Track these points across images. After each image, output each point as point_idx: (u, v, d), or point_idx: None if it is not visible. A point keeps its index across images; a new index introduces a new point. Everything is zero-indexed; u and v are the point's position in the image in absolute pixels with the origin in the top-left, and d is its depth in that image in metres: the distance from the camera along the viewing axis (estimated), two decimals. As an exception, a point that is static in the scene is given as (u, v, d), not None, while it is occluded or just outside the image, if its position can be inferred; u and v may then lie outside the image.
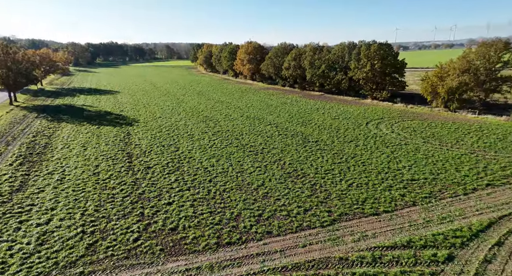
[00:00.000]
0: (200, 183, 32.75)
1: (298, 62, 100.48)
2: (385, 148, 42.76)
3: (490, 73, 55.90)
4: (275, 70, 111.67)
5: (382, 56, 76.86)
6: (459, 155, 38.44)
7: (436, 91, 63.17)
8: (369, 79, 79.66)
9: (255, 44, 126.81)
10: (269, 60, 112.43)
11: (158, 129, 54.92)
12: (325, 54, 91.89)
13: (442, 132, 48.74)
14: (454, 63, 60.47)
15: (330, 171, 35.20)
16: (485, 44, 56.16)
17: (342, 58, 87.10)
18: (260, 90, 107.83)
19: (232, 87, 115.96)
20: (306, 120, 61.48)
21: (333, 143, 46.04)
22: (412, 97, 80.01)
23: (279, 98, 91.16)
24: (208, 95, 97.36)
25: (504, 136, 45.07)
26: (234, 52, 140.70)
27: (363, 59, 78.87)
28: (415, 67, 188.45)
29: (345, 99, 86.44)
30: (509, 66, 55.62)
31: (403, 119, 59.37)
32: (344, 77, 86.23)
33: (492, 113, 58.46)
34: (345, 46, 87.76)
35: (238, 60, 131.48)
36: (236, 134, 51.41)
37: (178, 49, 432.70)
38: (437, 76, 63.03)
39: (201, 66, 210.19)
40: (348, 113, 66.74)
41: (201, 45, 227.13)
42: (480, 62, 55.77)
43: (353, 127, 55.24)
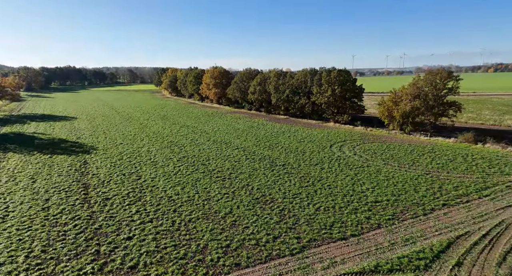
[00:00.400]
0: (163, 213, 30.98)
1: (263, 86, 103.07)
2: (349, 170, 44.05)
3: (438, 98, 61.29)
4: (241, 94, 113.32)
5: (342, 82, 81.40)
6: (416, 176, 40.59)
7: (392, 115, 67.53)
8: (330, 103, 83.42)
9: (221, 69, 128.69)
10: (235, 85, 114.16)
11: (118, 157, 52.08)
12: (289, 79, 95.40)
13: (400, 154, 51.55)
14: (406, 89, 65.60)
15: (297, 195, 35.22)
16: (431, 72, 62.01)
17: (305, 84, 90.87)
18: (226, 114, 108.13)
19: (198, 111, 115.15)
20: (273, 144, 62.08)
21: (299, 166, 46.58)
22: (370, 120, 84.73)
23: (246, 121, 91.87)
24: (173, 119, 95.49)
25: (454, 157, 48.66)
26: (199, 76, 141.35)
27: (324, 84, 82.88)
28: (372, 92, 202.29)
29: (309, 123, 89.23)
30: (452, 92, 61.54)
31: (364, 142, 62.16)
32: (307, 102, 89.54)
33: (442, 135, 63.39)
34: (307, 72, 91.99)
35: (204, 84, 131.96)
36: (203, 160, 50.27)
37: (141, 73, 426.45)
38: (392, 101, 67.67)
39: (165, 90, 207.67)
40: (312, 136, 68.62)
41: (166, 70, 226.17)
42: (428, 88, 61.17)
43: (318, 150, 56.63)
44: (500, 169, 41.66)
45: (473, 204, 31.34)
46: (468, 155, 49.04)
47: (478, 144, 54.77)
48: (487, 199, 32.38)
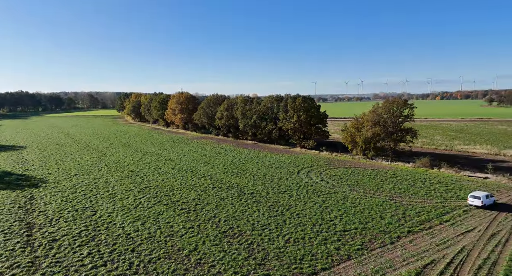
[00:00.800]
0: (120, 254, 28.03)
1: (231, 112, 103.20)
2: (317, 197, 43.94)
3: (396, 125, 65.05)
4: (208, 120, 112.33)
5: (307, 109, 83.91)
6: (381, 202, 41.41)
7: (355, 140, 70.10)
8: (296, 129, 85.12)
9: (187, 95, 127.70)
10: (202, 110, 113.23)
11: (71, 190, 47.71)
12: (256, 105, 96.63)
13: (364, 179, 52.82)
14: (367, 116, 68.98)
15: (266, 226, 34.01)
16: (389, 101, 66.20)
17: (272, 110, 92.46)
18: (193, 140, 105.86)
19: (163, 137, 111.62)
20: (241, 170, 60.98)
21: (268, 194, 45.71)
22: (335, 145, 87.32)
23: (213, 147, 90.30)
24: (135, 146, 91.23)
25: (414, 181, 50.82)
26: (165, 102, 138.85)
27: (290, 111, 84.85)
28: (335, 117, 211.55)
29: (276, 148, 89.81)
30: (408, 119, 65.79)
31: (330, 167, 63.25)
32: (274, 127, 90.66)
33: (401, 160, 66.63)
34: (273, 98, 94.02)
35: (170, 109, 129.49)
36: (167, 190, 47.63)
37: (103, 98, 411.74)
38: (355, 127, 70.53)
39: (128, 115, 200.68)
40: (280, 162, 68.68)
41: (129, 95, 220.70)
42: (387, 115, 64.87)
43: (286, 176, 56.41)
44: (456, 193, 43.93)
45: (435, 230, 32.17)
46: (426, 180, 51.47)
47: (434, 168, 57.99)
48: (447, 225, 33.49)
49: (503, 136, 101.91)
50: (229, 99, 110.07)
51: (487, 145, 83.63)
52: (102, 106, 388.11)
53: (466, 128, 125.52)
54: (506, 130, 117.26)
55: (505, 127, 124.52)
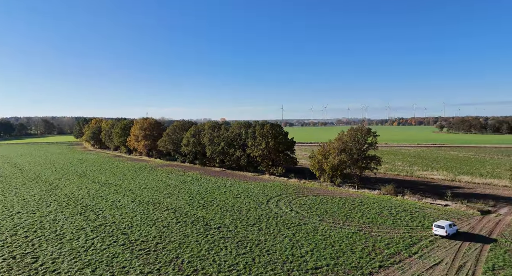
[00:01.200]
0: (62, 312, 23.92)
1: (198, 138, 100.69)
2: (287, 230, 42.37)
3: (361, 152, 66.78)
4: (174, 147, 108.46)
5: (275, 135, 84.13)
6: (351, 233, 40.79)
7: (323, 167, 70.62)
8: (265, 156, 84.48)
9: (152, 120, 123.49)
10: (167, 137, 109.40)
11: (11, 232, 41.76)
12: (224, 132, 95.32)
13: (333, 208, 52.41)
14: (333, 143, 70.32)
15: (234, 266, 31.50)
16: (353, 129, 68.35)
17: (240, 136, 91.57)
18: (157, 168, 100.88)
19: (124, 166, 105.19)
20: (207, 201, 58.07)
21: (236, 228, 43.31)
22: (303, 171, 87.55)
23: (179, 176, 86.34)
24: (92, 176, 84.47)
25: (380, 210, 51.32)
26: (127, 128, 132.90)
27: (259, 137, 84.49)
28: (302, 142, 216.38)
29: (245, 175, 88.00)
30: (372, 147, 68.06)
31: (299, 195, 62.47)
32: (242, 154, 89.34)
33: (367, 187, 67.93)
34: (241, 124, 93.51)
35: (132, 136, 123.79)
36: (124, 227, 43.40)
37: (59, 124, 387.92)
38: (322, 155, 71.33)
39: (87, 142, 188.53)
40: (249, 191, 66.77)
41: (89, 120, 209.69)
42: (352, 143, 66.60)
43: (255, 206, 54.49)
44: (421, 222, 44.72)
45: (405, 264, 31.76)
46: (392, 208, 52.25)
47: (399, 195, 59.48)
48: (416, 257, 33.32)
49: (455, 161, 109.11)
50: (196, 125, 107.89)
51: (443, 171, 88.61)
52: (59, 132, 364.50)
53: (422, 154, 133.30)
54: (457, 155, 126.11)
55: (456, 153, 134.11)
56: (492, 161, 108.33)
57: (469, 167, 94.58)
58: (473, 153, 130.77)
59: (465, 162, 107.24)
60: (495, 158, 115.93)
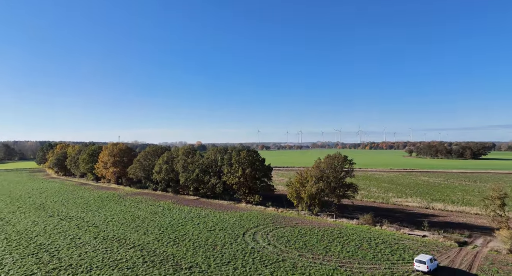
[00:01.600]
0: None
1: (171, 165, 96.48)
2: (264, 268, 39.49)
3: (338, 180, 66.15)
4: (145, 174, 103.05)
5: (251, 162, 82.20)
6: (332, 270, 38.63)
7: (300, 195, 69.01)
8: (242, 183, 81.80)
9: (121, 146, 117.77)
10: (138, 163, 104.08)
11: None
12: (198, 158, 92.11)
13: (312, 241, 50.24)
14: (311, 171, 69.41)
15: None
16: (330, 156, 68.10)
17: (215, 163, 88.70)
18: (126, 197, 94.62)
19: (89, 195, 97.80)
20: (179, 235, 53.95)
21: (209, 267, 39.79)
22: (280, 199, 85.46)
23: (149, 206, 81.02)
24: (52, 209, 77.07)
25: (360, 242, 49.84)
26: (95, 154, 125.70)
27: (235, 164, 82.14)
28: (278, 166, 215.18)
29: (220, 204, 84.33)
30: (349, 174, 67.80)
31: (277, 226, 59.91)
32: (218, 181, 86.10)
33: (345, 215, 66.83)
34: (217, 150, 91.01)
35: (101, 162, 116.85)
36: (82, 270, 38.52)
37: (21, 149, 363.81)
38: (299, 182, 69.97)
39: (51, 169, 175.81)
40: (224, 222, 63.29)
41: (54, 145, 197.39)
42: (329, 171, 66.01)
43: (230, 240, 51.16)
44: (401, 256, 43.52)
45: (392, 306, 29.90)
46: (371, 239, 50.95)
47: (377, 225, 58.61)
48: (401, 297, 31.65)
49: (427, 187, 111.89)
50: (169, 151, 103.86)
51: (417, 197, 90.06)
52: (20, 158, 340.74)
53: (395, 179, 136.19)
54: (428, 181, 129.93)
55: (427, 178, 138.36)
56: (461, 187, 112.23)
57: (441, 194, 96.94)
58: (442, 179, 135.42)
59: (436, 188, 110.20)
60: (463, 184, 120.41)
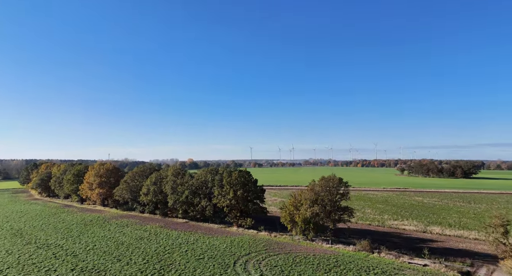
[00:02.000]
0: None
1: (159, 186, 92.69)
2: (257, 305, 36.04)
3: (333, 203, 63.67)
4: (132, 195, 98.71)
5: (243, 183, 79.29)
6: (331, 307, 35.49)
7: (294, 220, 66.02)
8: (233, 206, 78.49)
9: (109, 166, 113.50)
10: (125, 184, 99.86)
11: None
12: (188, 179, 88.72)
13: (307, 271, 47.05)
14: (305, 193, 66.86)
15: None
16: (325, 178, 65.89)
17: (206, 184, 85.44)
18: (111, 220, 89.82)
19: (72, 218, 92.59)
20: (165, 265, 50.11)
21: (196, 304, 36.11)
22: (274, 222, 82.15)
23: (135, 230, 76.60)
24: (30, 235, 71.85)
25: (358, 272, 46.84)
26: (81, 174, 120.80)
27: (226, 186, 79.06)
28: (271, 185, 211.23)
29: (210, 228, 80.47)
30: (344, 197, 65.43)
31: (269, 254, 56.54)
32: (208, 204, 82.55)
33: (342, 241, 63.87)
34: (208, 171, 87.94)
35: (86, 183, 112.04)
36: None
37: (6, 168, 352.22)
38: (293, 206, 67.19)
39: (34, 189, 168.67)
40: (214, 249, 59.59)
41: (39, 164, 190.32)
42: (324, 194, 63.56)
43: (220, 271, 47.61)
44: (404, 288, 40.75)
45: None
46: (369, 269, 48.03)
47: (375, 252, 55.80)
48: None
49: (422, 208, 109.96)
50: (158, 171, 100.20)
51: (413, 220, 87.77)
52: (4, 177, 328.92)
53: (390, 199, 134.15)
54: (422, 201, 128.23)
55: (421, 199, 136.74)
56: (456, 208, 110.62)
57: (437, 216, 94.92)
58: (436, 199, 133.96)
59: (431, 209, 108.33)
60: (458, 205, 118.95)
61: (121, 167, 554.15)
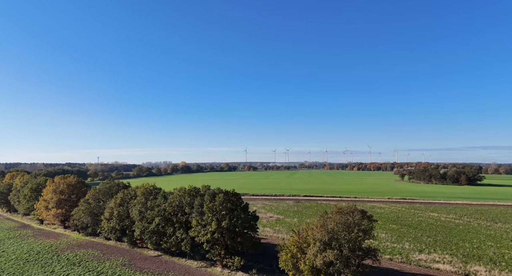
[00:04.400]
0: None
1: (126, 208, 73.82)
2: None
3: (353, 244, 45.80)
4: (94, 219, 79.49)
5: (230, 210, 61.01)
6: None
7: (298, 267, 47.93)
8: (216, 241, 60.04)
9: (71, 180, 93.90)
10: (85, 205, 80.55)
11: None
12: (160, 201, 69.82)
13: None
14: (314, 231, 48.68)
15: None
16: (342, 211, 47.89)
17: (182, 209, 66.80)
18: (66, 251, 70.84)
19: (17, 248, 73.13)
20: None
21: None
22: (269, 256, 64.46)
23: (87, 272, 57.78)
24: None
25: None
26: (40, 188, 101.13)
27: (207, 214, 60.60)
28: (266, 194, 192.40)
29: (188, 267, 62.17)
30: (367, 236, 47.67)
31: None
32: (185, 236, 63.88)
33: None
34: (185, 192, 69.13)
35: (42, 201, 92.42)
36: None
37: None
38: (297, 247, 49.09)
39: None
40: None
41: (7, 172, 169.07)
42: (342, 233, 45.55)
43: None
44: None
45: None
46: None
47: None
48: None
49: (443, 230, 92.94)
50: (127, 189, 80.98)
51: (443, 251, 70.33)
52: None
53: (401, 215, 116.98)
54: (439, 219, 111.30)
55: (436, 215, 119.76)
56: (484, 230, 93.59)
57: (468, 244, 77.51)
58: (454, 216, 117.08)
59: (455, 231, 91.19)
60: (482, 224, 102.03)
61: (110, 171, 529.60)
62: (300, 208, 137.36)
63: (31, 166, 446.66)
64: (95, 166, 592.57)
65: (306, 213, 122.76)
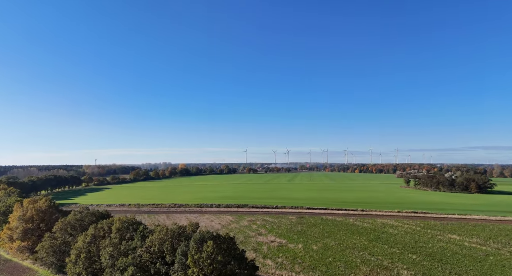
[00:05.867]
0: None
1: (97, 249, 60.95)
2: None
3: None
4: (61, 258, 66.63)
5: (223, 263, 48.18)
6: None
7: None
8: (203, 302, 47.16)
9: (42, 205, 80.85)
10: (50, 241, 67.49)
11: None
12: (137, 243, 56.86)
13: None
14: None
15: None
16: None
17: (163, 257, 53.90)
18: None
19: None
20: None
21: None
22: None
23: None
24: None
25: None
26: (8, 211, 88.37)
27: (193, 267, 47.79)
28: (266, 205, 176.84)
29: None
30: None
31: None
32: (165, 292, 50.99)
33: None
34: (169, 234, 56.07)
35: (6, 230, 79.65)
36: None
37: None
38: None
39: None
40: None
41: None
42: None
43: None
44: None
45: None
46: None
47: None
48: None
49: (473, 264, 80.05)
50: (102, 221, 67.92)
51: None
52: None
53: (419, 239, 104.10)
54: (463, 244, 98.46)
55: (459, 238, 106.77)
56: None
57: (510, 289, 64.81)
58: (478, 240, 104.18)
59: (486, 265, 78.36)
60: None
61: (107, 174, 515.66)
62: (304, 226, 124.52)
63: (24, 171, 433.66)
64: (92, 168, 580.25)
65: (312, 235, 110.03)
